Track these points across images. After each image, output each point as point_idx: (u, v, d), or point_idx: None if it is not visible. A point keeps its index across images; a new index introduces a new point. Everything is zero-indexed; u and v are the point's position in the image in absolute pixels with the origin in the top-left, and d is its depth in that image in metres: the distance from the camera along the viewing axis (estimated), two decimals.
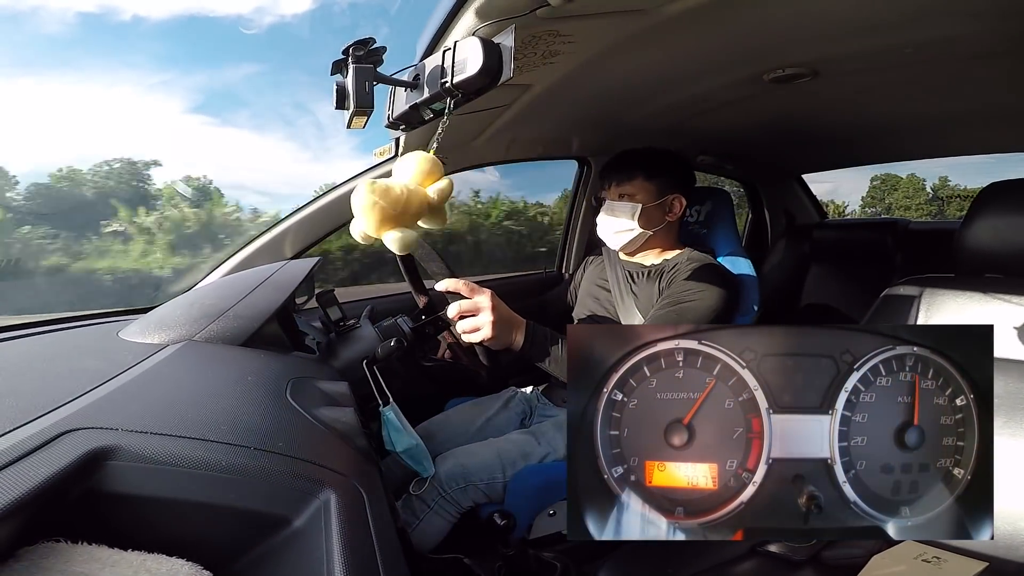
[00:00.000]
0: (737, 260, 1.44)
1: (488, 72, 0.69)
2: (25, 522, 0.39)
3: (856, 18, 0.95)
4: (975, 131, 1.81)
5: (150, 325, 0.85)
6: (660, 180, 1.33)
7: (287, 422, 0.61)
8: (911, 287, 1.00)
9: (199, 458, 0.48)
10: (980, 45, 1.05)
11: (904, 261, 2.30)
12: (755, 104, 1.46)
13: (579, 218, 1.96)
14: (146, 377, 0.65)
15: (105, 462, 0.45)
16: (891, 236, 2.34)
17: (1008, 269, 0.94)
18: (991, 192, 0.95)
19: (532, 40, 0.88)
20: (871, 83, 1.31)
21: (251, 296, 0.92)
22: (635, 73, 1.17)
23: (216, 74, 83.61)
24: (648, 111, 1.48)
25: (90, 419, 0.49)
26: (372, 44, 0.73)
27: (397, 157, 1.38)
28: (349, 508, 0.51)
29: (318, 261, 1.12)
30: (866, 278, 2.28)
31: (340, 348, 1.06)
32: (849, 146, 2.13)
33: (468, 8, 0.77)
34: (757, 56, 1.13)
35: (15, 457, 0.41)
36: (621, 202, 1.32)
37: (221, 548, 0.47)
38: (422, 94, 0.77)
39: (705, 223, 1.56)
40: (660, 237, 1.36)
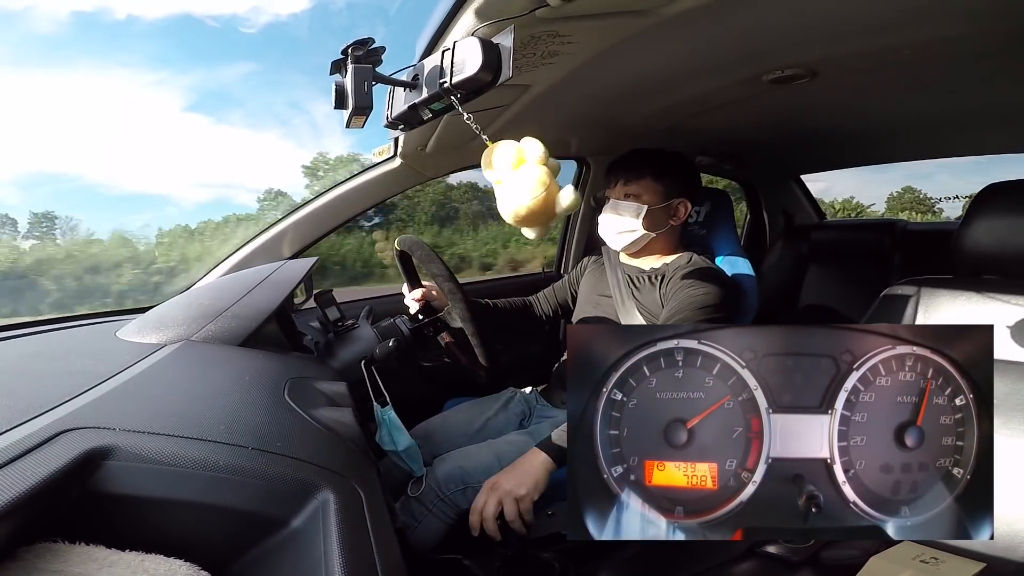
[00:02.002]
0: (736, 260, 1.44)
1: (487, 72, 0.69)
2: (22, 522, 0.39)
3: (855, 19, 0.95)
4: (973, 131, 1.81)
5: (148, 325, 0.85)
6: (668, 182, 1.32)
7: (285, 422, 0.60)
8: (909, 287, 1.00)
9: (197, 458, 0.48)
10: (978, 45, 1.05)
11: (902, 262, 2.30)
12: (754, 105, 1.46)
13: (578, 218, 1.96)
14: (144, 377, 0.65)
15: (103, 462, 0.44)
16: (889, 237, 2.35)
17: (1006, 270, 0.94)
18: (989, 193, 0.95)
19: (531, 40, 0.88)
20: (870, 84, 1.31)
21: (249, 296, 0.92)
22: (634, 74, 1.17)
23: (211, 74, 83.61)
24: (647, 112, 1.48)
25: (87, 419, 0.49)
26: (371, 44, 0.73)
27: (396, 157, 1.38)
28: (347, 508, 0.51)
29: (316, 261, 1.12)
30: (864, 279, 2.28)
31: (338, 348, 1.06)
32: (847, 146, 2.13)
33: (467, 8, 0.77)
34: (756, 57, 1.13)
35: (12, 457, 0.41)
36: (626, 201, 1.32)
37: (219, 548, 0.47)
38: (421, 94, 0.77)
39: (704, 224, 1.56)
40: (662, 240, 1.35)
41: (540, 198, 0.73)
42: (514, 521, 0.93)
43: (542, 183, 0.73)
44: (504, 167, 0.76)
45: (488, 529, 0.92)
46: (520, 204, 0.74)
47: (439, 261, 1.11)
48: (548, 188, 0.73)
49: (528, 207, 0.74)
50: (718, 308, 1.19)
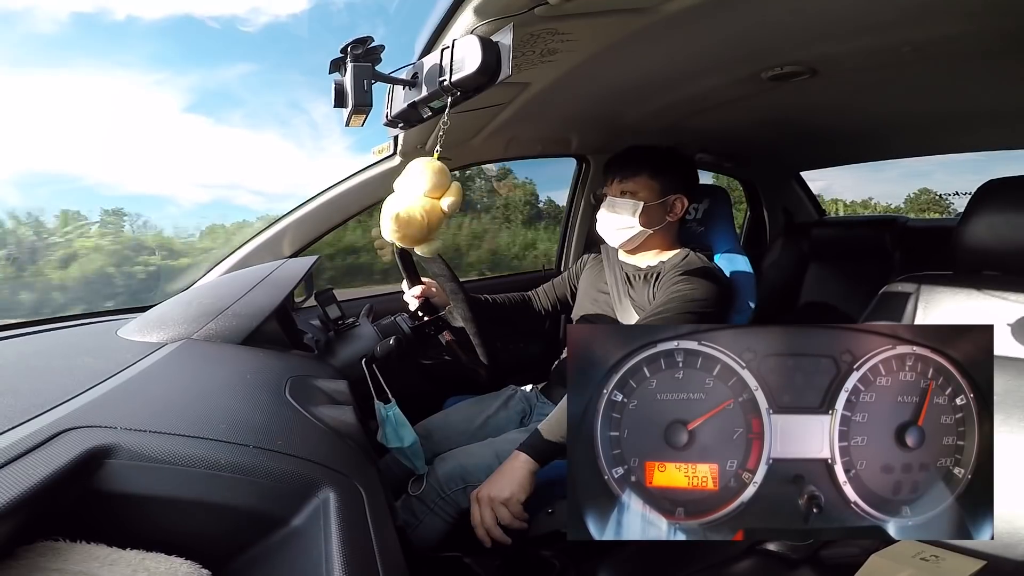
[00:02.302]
0: (735, 258, 1.44)
1: (486, 70, 0.69)
2: (23, 521, 0.39)
3: (854, 17, 0.95)
4: (973, 129, 1.81)
5: (149, 323, 0.85)
6: (664, 179, 1.32)
7: (286, 420, 0.61)
8: (909, 284, 1.00)
9: (198, 456, 0.48)
10: (978, 43, 1.05)
11: (902, 258, 2.30)
12: (754, 102, 1.45)
13: (578, 216, 1.96)
14: (145, 376, 0.65)
15: (104, 461, 0.45)
16: (889, 234, 2.34)
17: (1005, 266, 0.94)
18: (989, 190, 0.95)
19: (531, 38, 0.87)
20: (869, 81, 1.31)
21: (250, 294, 0.92)
22: (634, 71, 1.17)
23: (211, 74, 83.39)
24: (647, 109, 1.47)
25: (88, 418, 0.49)
26: (371, 43, 0.73)
27: (396, 155, 1.38)
28: (348, 507, 0.51)
29: (317, 259, 1.12)
30: (864, 276, 2.27)
31: (339, 347, 1.06)
32: (847, 144, 2.13)
33: (467, 6, 0.77)
34: (756, 55, 1.13)
35: (13, 456, 0.41)
36: (623, 199, 1.32)
37: (219, 547, 0.47)
38: (420, 92, 0.77)
39: (703, 221, 1.56)
40: (660, 236, 1.36)
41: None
42: (511, 523, 0.93)
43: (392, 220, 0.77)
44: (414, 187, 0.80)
45: (496, 537, 0.93)
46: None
47: (441, 262, 1.11)
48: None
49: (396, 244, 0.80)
50: (707, 304, 1.19)
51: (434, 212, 0.78)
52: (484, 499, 0.94)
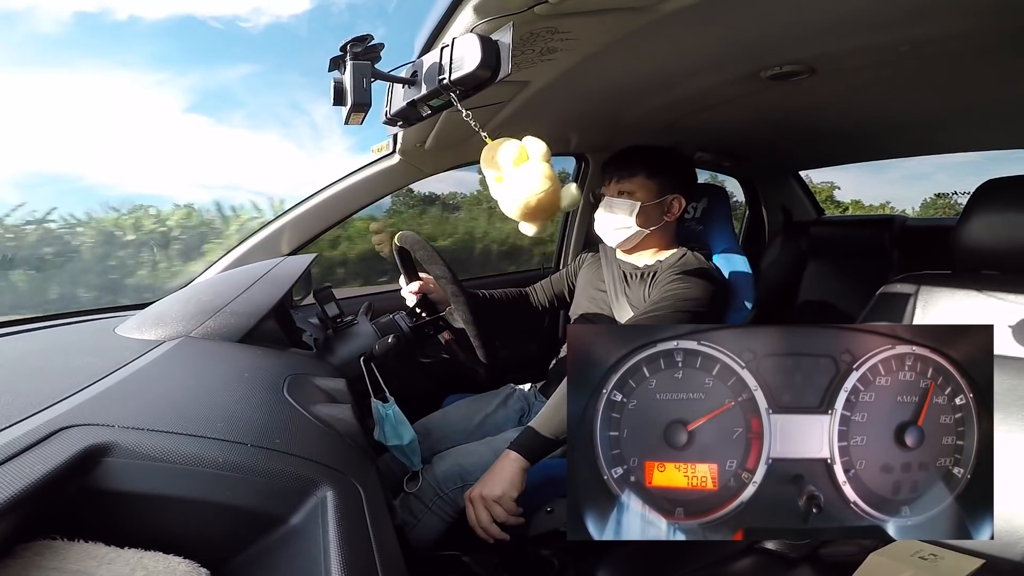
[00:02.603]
0: (733, 257, 1.44)
1: (486, 69, 0.69)
2: (21, 520, 0.39)
3: (853, 16, 0.94)
4: (972, 128, 1.81)
5: (147, 321, 0.85)
6: (661, 179, 1.32)
7: (284, 419, 0.60)
8: (908, 284, 1.00)
9: (196, 455, 0.48)
10: (977, 42, 1.04)
11: (901, 258, 2.30)
12: (753, 101, 1.45)
13: (577, 214, 1.96)
14: (143, 373, 0.65)
15: (101, 459, 0.44)
16: (888, 233, 2.34)
17: (1004, 266, 0.94)
18: (988, 189, 0.95)
19: (530, 37, 0.87)
20: (868, 80, 1.31)
21: (248, 292, 0.92)
22: (633, 70, 1.16)
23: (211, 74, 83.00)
24: (646, 108, 1.47)
25: (86, 416, 0.49)
26: (370, 41, 0.73)
27: (395, 153, 1.38)
28: (346, 505, 0.50)
29: (315, 257, 1.12)
30: (863, 275, 2.28)
31: (338, 345, 1.06)
32: (846, 142, 2.12)
33: (466, 5, 0.76)
34: (754, 54, 1.12)
35: (10, 454, 0.41)
36: (620, 199, 1.32)
37: (218, 545, 0.47)
38: (420, 91, 0.77)
39: (702, 219, 1.56)
40: (657, 236, 1.36)
41: (549, 191, 0.75)
42: (506, 520, 0.94)
43: (549, 177, 0.75)
44: (506, 164, 0.76)
45: (494, 535, 0.94)
46: (531, 194, 0.76)
47: (441, 262, 1.11)
48: (553, 183, 0.76)
49: (538, 198, 0.76)
50: (700, 304, 1.19)
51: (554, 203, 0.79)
52: (477, 498, 0.95)
